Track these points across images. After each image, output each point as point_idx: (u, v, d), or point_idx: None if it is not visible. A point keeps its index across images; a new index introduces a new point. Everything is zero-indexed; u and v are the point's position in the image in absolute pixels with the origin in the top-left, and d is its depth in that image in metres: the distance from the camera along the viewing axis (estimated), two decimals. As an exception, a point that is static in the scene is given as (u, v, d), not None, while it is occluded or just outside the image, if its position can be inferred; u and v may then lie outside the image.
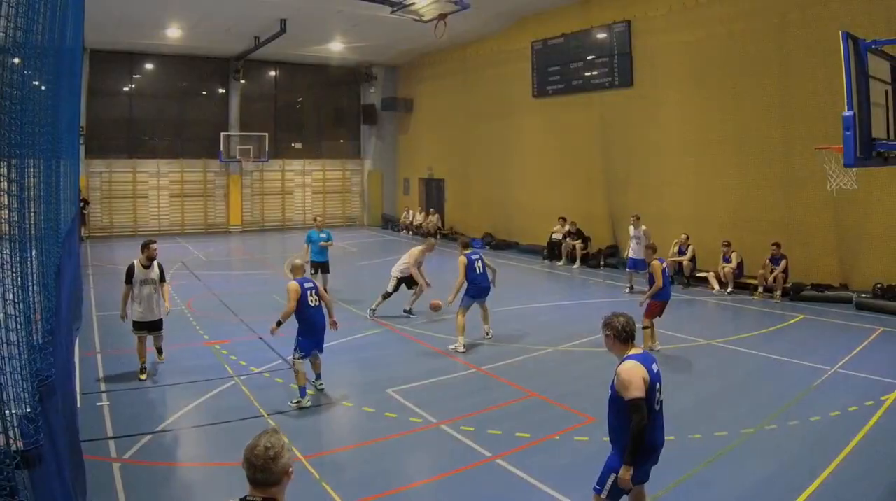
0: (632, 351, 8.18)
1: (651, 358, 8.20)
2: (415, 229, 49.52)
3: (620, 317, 8.32)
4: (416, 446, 12.64)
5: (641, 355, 8.16)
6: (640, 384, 7.78)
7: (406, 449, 12.47)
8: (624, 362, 8.07)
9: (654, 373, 8.01)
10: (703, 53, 29.79)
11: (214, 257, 38.13)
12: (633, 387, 7.77)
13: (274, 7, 35.49)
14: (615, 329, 8.23)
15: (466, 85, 46.33)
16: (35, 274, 6.83)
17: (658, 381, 8.05)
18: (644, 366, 7.94)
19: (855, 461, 11.34)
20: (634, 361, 7.99)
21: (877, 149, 11.44)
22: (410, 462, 12.09)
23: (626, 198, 34.07)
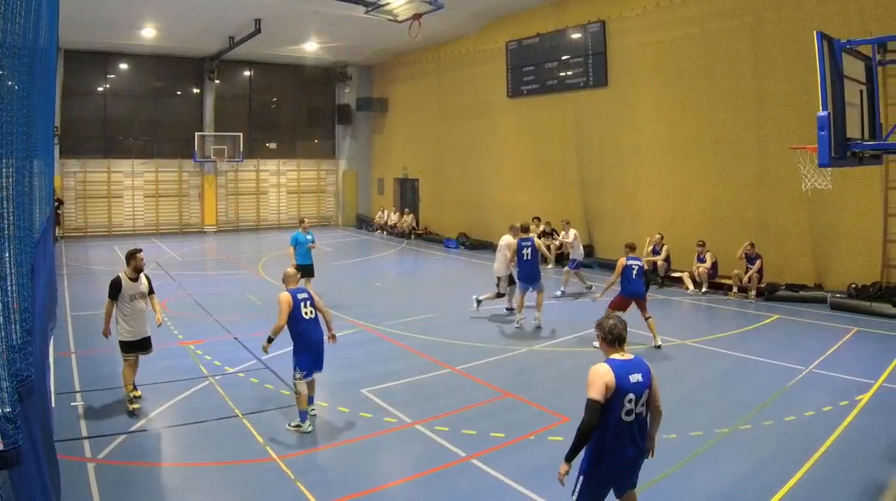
0: (614, 355, 8.06)
1: (633, 368, 7.93)
2: (389, 229, 49.65)
3: (610, 320, 8.20)
4: (390, 446, 12.62)
5: (621, 362, 7.93)
6: (599, 386, 7.66)
7: (381, 449, 12.46)
8: (598, 363, 8.00)
9: (627, 382, 7.77)
10: (678, 53, 29.85)
11: (189, 257, 38.08)
12: (591, 388, 7.73)
13: (249, 7, 35.49)
14: (603, 330, 8.19)
15: (441, 85, 46.39)
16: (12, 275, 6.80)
17: (631, 391, 7.77)
18: (614, 373, 7.76)
19: (829, 460, 11.38)
20: (606, 365, 7.88)
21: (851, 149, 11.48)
22: (385, 462, 12.08)
23: (600, 197, 34.18)
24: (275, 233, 50.43)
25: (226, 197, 52.25)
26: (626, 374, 7.78)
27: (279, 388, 15.41)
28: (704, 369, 17.08)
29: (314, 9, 35.40)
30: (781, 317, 22.64)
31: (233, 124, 51.10)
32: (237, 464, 11.54)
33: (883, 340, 19.60)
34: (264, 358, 17.25)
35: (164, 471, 11.43)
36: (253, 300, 25.27)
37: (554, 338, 19.93)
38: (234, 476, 11.15)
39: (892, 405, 14.11)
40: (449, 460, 11.67)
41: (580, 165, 35.25)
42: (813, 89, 11.31)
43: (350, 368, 16.96)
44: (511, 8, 37.63)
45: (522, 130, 39.10)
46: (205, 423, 13.33)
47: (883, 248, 23.80)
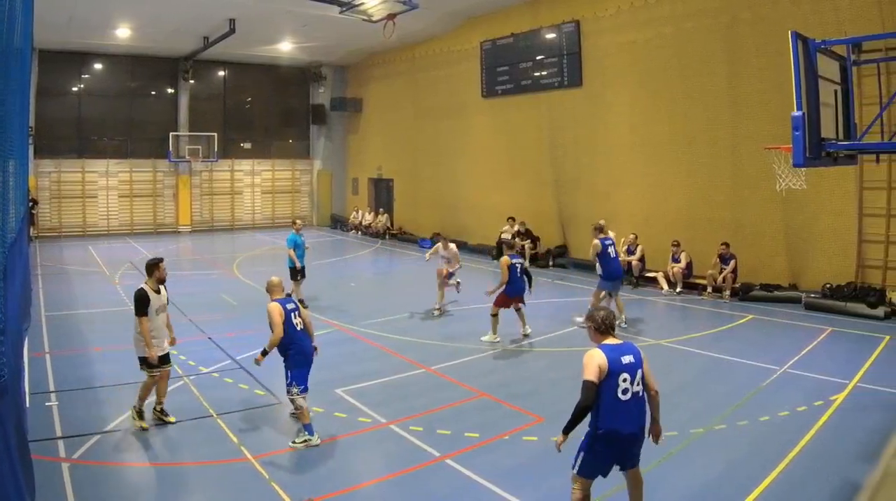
0: (607, 341, 8.60)
1: (624, 351, 8.54)
2: (364, 229, 49.64)
3: (601, 312, 8.86)
4: (365, 446, 12.59)
5: (612, 346, 8.55)
6: (593, 368, 8.24)
7: (355, 449, 12.44)
8: (590, 350, 8.48)
9: (619, 363, 8.35)
10: (652, 53, 29.88)
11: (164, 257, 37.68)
12: (585, 370, 8.29)
13: (223, 7, 35.42)
14: (596, 321, 8.72)
15: (416, 85, 46.36)
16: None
17: (625, 371, 8.36)
18: (606, 356, 8.33)
19: (804, 461, 11.40)
20: (598, 349, 8.47)
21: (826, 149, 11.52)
22: (359, 462, 12.03)
23: (575, 198, 34.19)
24: (249, 234, 50.38)
25: (200, 197, 52.16)
26: (619, 356, 8.39)
27: (254, 388, 15.43)
28: (679, 369, 17.05)
29: (288, 9, 35.35)
30: (756, 317, 22.68)
31: (207, 124, 51.00)
32: (212, 464, 11.53)
33: (857, 340, 19.65)
34: (238, 358, 17.26)
35: (138, 471, 11.41)
36: (227, 300, 25.24)
37: (529, 338, 19.94)
38: (208, 476, 11.16)
39: (867, 405, 14.13)
40: (423, 460, 11.67)
41: (554, 165, 35.27)
42: (788, 89, 11.28)
43: (324, 368, 16.83)
44: (485, 8, 37.60)
45: (497, 130, 39.10)
46: (179, 423, 13.30)
47: (857, 248, 23.86)
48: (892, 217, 23.08)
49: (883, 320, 21.73)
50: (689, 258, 26.97)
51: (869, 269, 23.78)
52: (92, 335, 20.39)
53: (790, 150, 11.11)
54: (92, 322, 22.09)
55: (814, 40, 11.37)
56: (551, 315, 23.30)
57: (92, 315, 23.15)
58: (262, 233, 49.83)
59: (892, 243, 23.19)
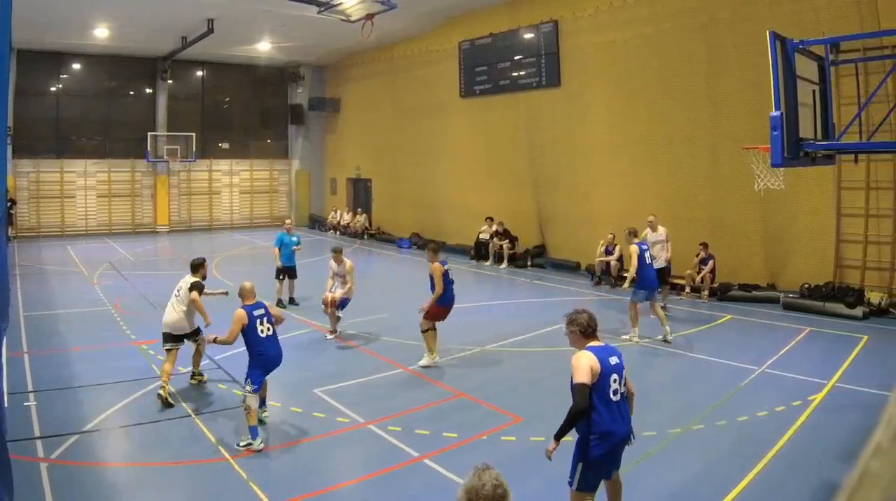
0: (591, 343, 8.55)
1: (610, 351, 8.56)
2: (342, 229, 49.61)
3: (584, 314, 8.72)
4: (343, 446, 12.65)
5: (598, 347, 8.53)
6: (584, 370, 8.16)
7: (334, 449, 12.51)
8: (577, 352, 8.44)
9: (609, 364, 8.33)
10: (631, 53, 29.92)
11: (142, 257, 37.98)
12: (577, 373, 8.20)
13: (201, 7, 35.33)
14: (581, 325, 8.61)
15: (394, 85, 46.32)
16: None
17: (614, 372, 8.35)
18: (596, 357, 8.30)
19: (782, 460, 11.43)
20: (586, 351, 8.41)
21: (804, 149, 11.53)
22: (338, 462, 12.09)
23: (554, 198, 34.22)
24: (227, 234, 50.33)
25: (178, 197, 52.09)
26: (606, 357, 8.38)
27: (232, 388, 15.45)
28: (657, 369, 17.09)
29: (267, 9, 35.27)
30: (734, 317, 22.77)
31: (185, 124, 50.88)
32: (190, 464, 11.51)
33: (835, 340, 19.72)
34: (217, 358, 17.22)
35: (116, 471, 11.41)
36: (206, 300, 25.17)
37: (506, 338, 19.93)
38: (186, 476, 11.15)
39: (845, 405, 14.17)
40: (401, 460, 11.68)
41: (533, 165, 35.31)
42: (766, 89, 11.31)
43: (303, 368, 16.95)
44: (464, 8, 37.60)
45: (475, 130, 39.15)
46: (157, 423, 13.29)
47: (836, 248, 23.94)
48: (870, 217, 23.16)
49: (861, 320, 21.81)
50: (668, 258, 26.92)
51: (847, 269, 23.85)
52: (70, 335, 20.34)
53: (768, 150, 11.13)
54: (70, 322, 22.05)
55: (792, 40, 11.40)
56: (530, 315, 23.33)
57: (70, 315, 23.08)
58: (240, 233, 49.76)
59: (870, 243, 23.27)
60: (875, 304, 22.40)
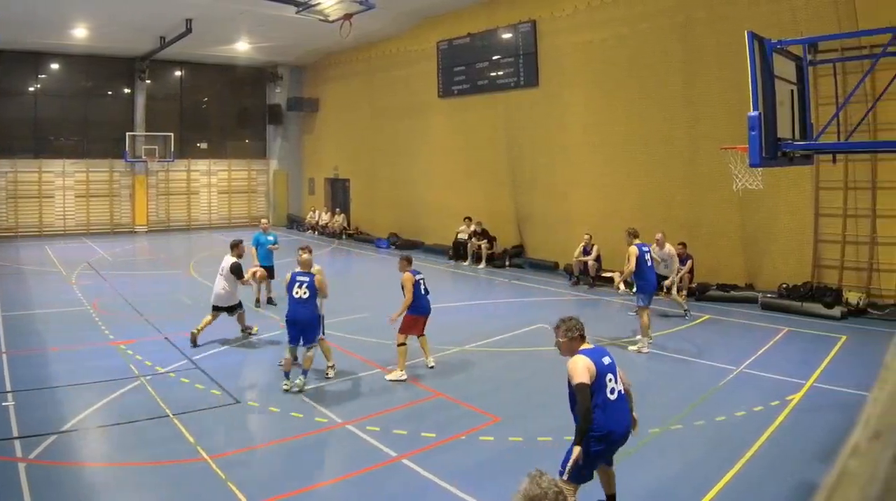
0: (582, 347, 8.77)
1: (601, 352, 8.90)
2: (320, 229, 49.53)
3: (572, 320, 8.95)
4: (322, 446, 12.68)
5: (590, 350, 8.83)
6: (582, 372, 8.43)
7: (312, 449, 12.50)
8: (572, 357, 8.65)
9: (603, 365, 8.64)
10: (609, 53, 29.95)
11: (120, 257, 37.85)
12: (576, 375, 8.46)
13: (180, 7, 35.26)
14: (571, 331, 8.85)
15: (372, 85, 46.26)
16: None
17: (609, 372, 8.66)
18: (590, 358, 8.59)
19: (760, 460, 11.43)
20: (580, 354, 8.69)
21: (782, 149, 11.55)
22: (316, 461, 12.09)
23: (532, 198, 34.23)
24: (206, 233, 50.31)
25: (157, 197, 51.90)
26: (599, 358, 8.65)
27: (209, 388, 15.36)
28: (636, 369, 16.88)
29: (245, 9, 35.22)
30: (712, 317, 22.79)
31: (164, 124, 50.69)
32: (168, 464, 11.45)
33: (813, 340, 19.75)
34: (195, 358, 17.21)
35: (95, 471, 11.35)
36: (184, 300, 25.13)
37: (484, 338, 19.91)
38: (165, 476, 11.09)
39: (823, 405, 14.19)
40: (380, 460, 11.66)
41: (511, 165, 35.29)
42: (744, 89, 11.34)
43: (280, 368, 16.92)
44: (442, 8, 37.62)
45: (453, 130, 39.15)
46: (136, 423, 13.19)
47: (814, 248, 24.01)
48: (848, 217, 23.24)
49: (839, 320, 21.84)
50: (646, 258, 26.95)
51: (825, 269, 23.92)
52: (48, 335, 20.24)
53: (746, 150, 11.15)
54: (48, 322, 21.97)
55: (770, 40, 11.41)
56: (508, 315, 23.35)
57: (48, 315, 22.97)
58: (218, 233, 49.54)
59: (848, 243, 23.35)
60: (853, 304, 22.44)
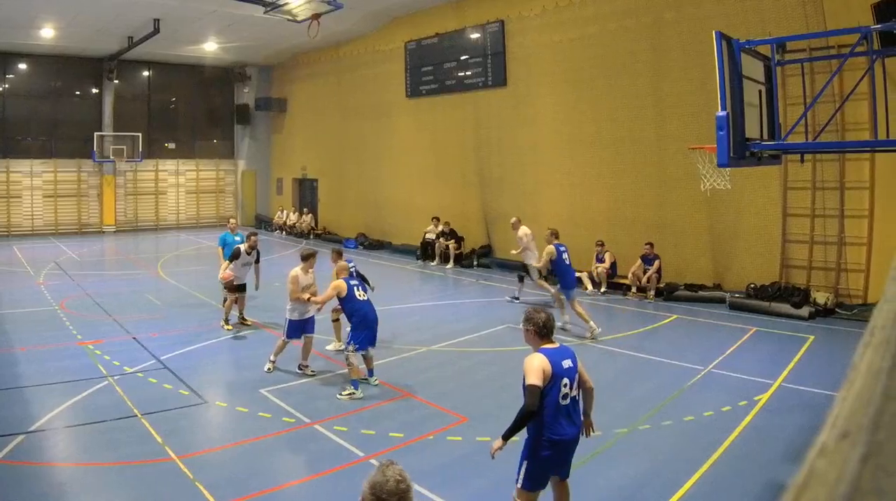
0: (545, 345, 8.47)
1: (563, 355, 8.48)
2: (288, 229, 49.63)
3: (542, 314, 8.63)
4: (290, 446, 12.59)
5: (552, 350, 8.45)
6: (536, 372, 8.09)
7: (280, 449, 12.42)
8: (531, 354, 8.38)
9: (561, 368, 8.28)
10: (577, 53, 29.97)
11: (88, 257, 37.78)
12: (529, 374, 8.13)
13: (147, 7, 35.12)
14: (536, 324, 8.51)
15: (340, 85, 46.25)
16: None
17: (566, 376, 8.30)
18: (549, 360, 8.23)
19: (728, 460, 11.43)
20: (540, 354, 8.33)
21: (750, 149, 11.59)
22: (284, 461, 12.01)
23: (500, 198, 34.25)
24: (174, 234, 50.24)
25: (125, 197, 51.80)
26: (559, 361, 8.29)
27: (178, 388, 15.26)
28: (603, 369, 16.98)
29: (213, 9, 35.17)
30: (680, 317, 22.85)
31: (132, 124, 50.69)
32: (136, 464, 11.35)
33: (781, 340, 19.79)
34: (163, 358, 17.17)
35: (63, 471, 11.23)
36: (152, 300, 25.07)
37: (452, 338, 19.88)
38: (133, 476, 10.99)
39: (791, 405, 14.21)
40: (348, 460, 11.61)
41: (479, 165, 35.36)
42: (712, 89, 11.38)
43: (249, 368, 16.89)
44: (410, 8, 37.66)
45: (422, 130, 39.17)
46: (104, 423, 13.11)
47: (781, 248, 24.09)
48: (816, 217, 23.31)
49: (807, 320, 21.88)
50: (614, 258, 27.06)
51: (793, 269, 24.01)
52: (16, 335, 20.07)
53: (715, 150, 11.19)
54: (16, 322, 21.82)
55: (738, 40, 11.45)
56: (476, 315, 23.33)
57: (16, 315, 22.84)
58: (186, 233, 49.66)
59: (816, 243, 23.43)
60: (821, 304, 22.50)
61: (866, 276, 22.61)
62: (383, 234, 41.57)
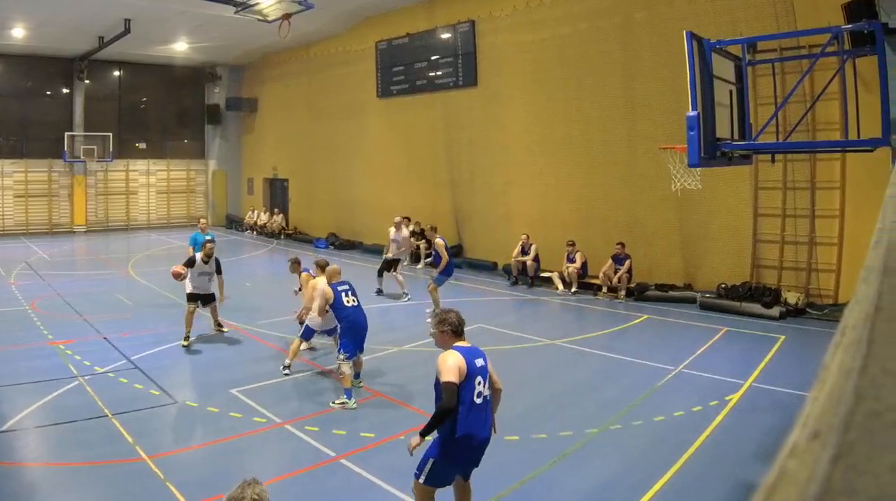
0: (458, 343, 8.54)
1: (476, 353, 8.56)
2: (259, 229, 49.55)
3: (452, 313, 8.81)
4: (260, 446, 12.56)
5: (466, 348, 8.55)
6: (452, 370, 8.19)
7: (251, 449, 12.39)
8: (444, 352, 8.44)
9: (475, 366, 8.34)
10: (548, 53, 30.02)
11: (59, 257, 37.61)
12: (446, 373, 8.21)
13: (118, 7, 34.99)
14: (452, 324, 8.61)
15: (311, 85, 46.24)
16: None
17: (479, 375, 8.37)
18: (464, 358, 8.31)
19: (699, 460, 11.44)
20: (454, 351, 8.43)
21: (721, 149, 11.61)
22: (255, 461, 11.93)
23: (471, 197, 34.29)
24: (144, 234, 50.15)
25: (95, 197, 51.69)
26: (473, 358, 8.35)
27: (149, 388, 15.20)
28: (574, 369, 17.11)
29: (183, 9, 35.06)
30: (651, 317, 22.83)
31: (103, 124, 50.55)
32: (107, 464, 11.31)
33: (752, 340, 19.83)
34: (134, 358, 17.11)
35: (32, 471, 11.19)
36: (122, 300, 24.97)
37: (423, 339, 19.64)
38: (103, 476, 10.95)
39: (762, 405, 14.24)
40: (319, 460, 11.63)
41: (450, 165, 35.41)
42: (683, 89, 11.38)
43: (220, 368, 16.84)
44: (381, 8, 37.64)
45: (392, 130, 39.15)
46: (74, 423, 13.06)
47: (752, 248, 24.16)
48: (787, 217, 23.40)
49: (778, 320, 21.92)
50: (585, 258, 27.03)
51: (764, 269, 24.07)
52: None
53: (685, 150, 11.19)
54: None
55: (709, 40, 11.48)
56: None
57: (-16, 315, 22.75)
58: (157, 233, 49.53)
59: (787, 243, 23.50)
60: (792, 304, 22.58)
61: (837, 276, 22.70)
62: (354, 234, 41.57)
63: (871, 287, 1.54)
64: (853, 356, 1.14)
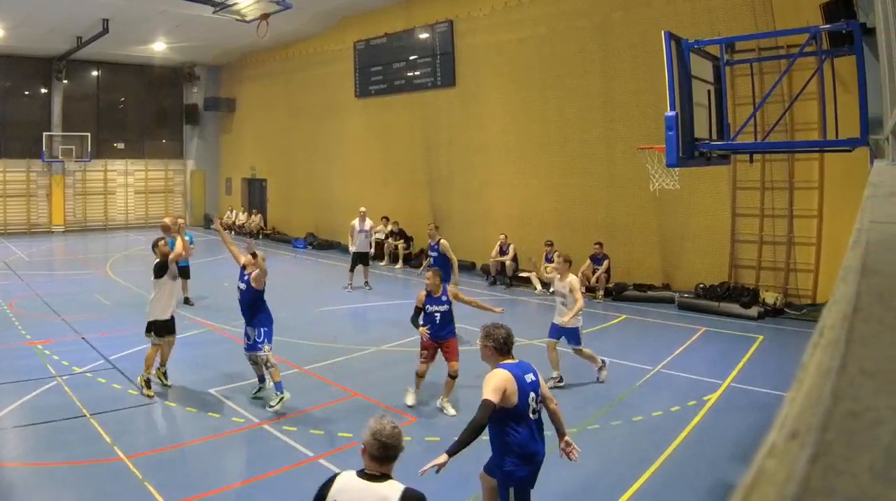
0: (506, 361, 8.21)
1: (526, 369, 8.24)
2: (237, 229, 49.39)
3: (502, 330, 8.40)
4: (239, 446, 12.61)
5: (514, 365, 8.19)
6: (494, 390, 7.74)
7: (229, 449, 12.45)
8: (493, 369, 8.11)
9: (525, 382, 8.00)
10: (526, 53, 30.05)
11: (37, 257, 37.62)
12: (487, 390, 7.78)
13: (96, 7, 34.87)
14: (497, 340, 8.27)
15: (290, 85, 46.25)
16: None
17: (532, 390, 8.04)
18: (513, 375, 7.95)
19: (677, 460, 11.50)
20: (503, 370, 8.03)
21: (699, 149, 11.60)
22: (233, 462, 12.02)
23: (449, 197, 34.33)
24: (122, 234, 50.11)
25: (74, 197, 51.57)
26: (522, 375, 8.02)
27: (127, 388, 15.18)
28: (551, 370, 17.11)
29: (162, 9, 34.97)
30: (629, 317, 22.90)
31: (81, 124, 50.45)
32: (85, 464, 11.31)
33: (730, 340, 19.92)
34: (112, 358, 17.08)
35: (10, 472, 11.15)
36: (101, 300, 24.94)
37: (401, 339, 19.76)
38: (81, 476, 10.95)
39: (740, 404, 14.28)
40: (297, 460, 11.67)
41: (428, 165, 35.43)
42: (661, 89, 11.39)
43: (198, 368, 16.83)
44: (359, 8, 37.58)
45: (371, 130, 39.16)
46: (52, 423, 13.05)
47: (731, 248, 24.23)
48: (765, 217, 23.46)
49: (756, 320, 22.00)
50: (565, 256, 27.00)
51: (742, 269, 24.13)
52: (-36, 335, 19.94)
53: (664, 150, 11.20)
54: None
55: (687, 40, 11.48)
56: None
57: (-38, 316, 22.68)
58: (135, 233, 49.41)
59: (765, 243, 23.56)
60: (770, 304, 22.66)
61: (815, 276, 22.77)
62: (333, 234, 41.51)
63: (850, 287, 1.55)
64: (831, 356, 1.15)
